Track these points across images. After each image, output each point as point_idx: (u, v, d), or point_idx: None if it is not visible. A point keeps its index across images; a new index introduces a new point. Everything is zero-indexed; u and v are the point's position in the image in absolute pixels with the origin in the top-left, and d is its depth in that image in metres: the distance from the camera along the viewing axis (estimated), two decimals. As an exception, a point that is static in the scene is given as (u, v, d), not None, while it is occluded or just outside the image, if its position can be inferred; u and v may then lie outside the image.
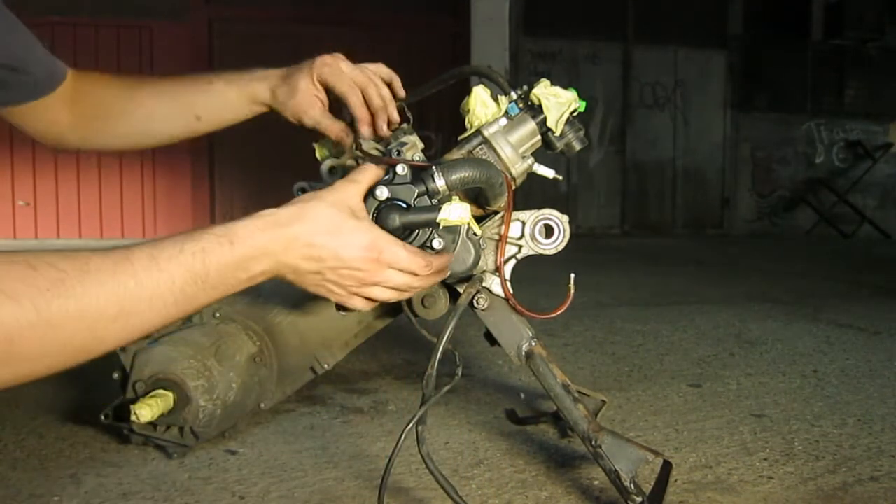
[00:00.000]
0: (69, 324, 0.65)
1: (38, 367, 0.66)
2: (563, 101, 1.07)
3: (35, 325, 0.62)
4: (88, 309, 0.66)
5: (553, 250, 1.10)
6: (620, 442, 1.03)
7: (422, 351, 1.99)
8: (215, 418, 1.25)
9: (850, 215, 8.28)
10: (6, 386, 0.64)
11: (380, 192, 0.88)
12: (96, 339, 0.68)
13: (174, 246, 0.73)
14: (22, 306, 0.61)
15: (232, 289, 0.77)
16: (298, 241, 0.80)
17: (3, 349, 0.61)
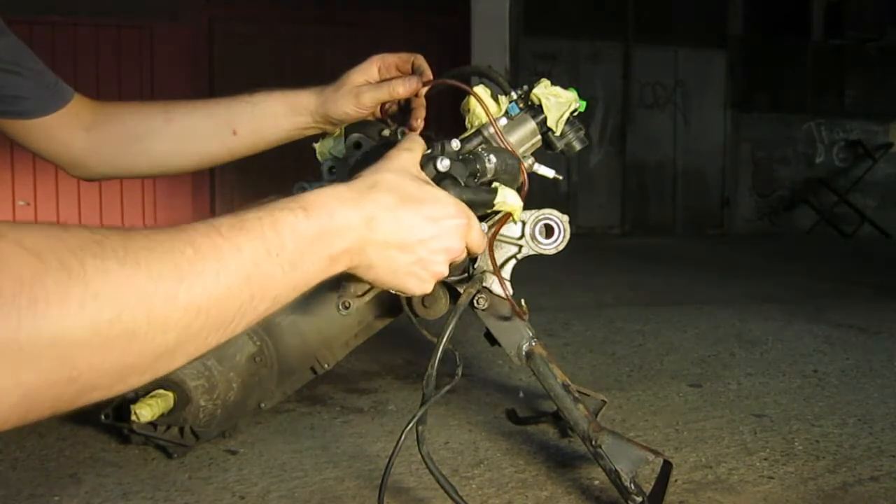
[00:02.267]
0: (112, 290, 0.51)
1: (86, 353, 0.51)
2: (564, 101, 1.07)
3: (64, 284, 0.49)
4: (136, 275, 0.52)
5: (553, 250, 1.10)
6: (621, 442, 1.03)
7: (422, 351, 1.99)
8: (215, 418, 1.25)
9: (851, 215, 8.28)
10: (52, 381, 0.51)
11: (441, 164, 0.82)
12: (154, 320, 0.53)
13: (233, 217, 0.61)
14: (45, 262, 0.49)
15: (315, 272, 0.66)
16: (383, 214, 0.70)
17: (30, 315, 0.48)
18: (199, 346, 0.58)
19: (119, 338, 0.52)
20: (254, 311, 0.61)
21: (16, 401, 0.48)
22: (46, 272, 0.49)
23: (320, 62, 6.69)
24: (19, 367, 0.47)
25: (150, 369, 0.57)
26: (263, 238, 0.61)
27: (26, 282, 0.47)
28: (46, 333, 0.48)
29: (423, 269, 0.75)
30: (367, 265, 0.71)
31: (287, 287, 0.63)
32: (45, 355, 0.48)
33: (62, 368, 0.50)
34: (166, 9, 6.84)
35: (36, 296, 0.47)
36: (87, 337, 0.50)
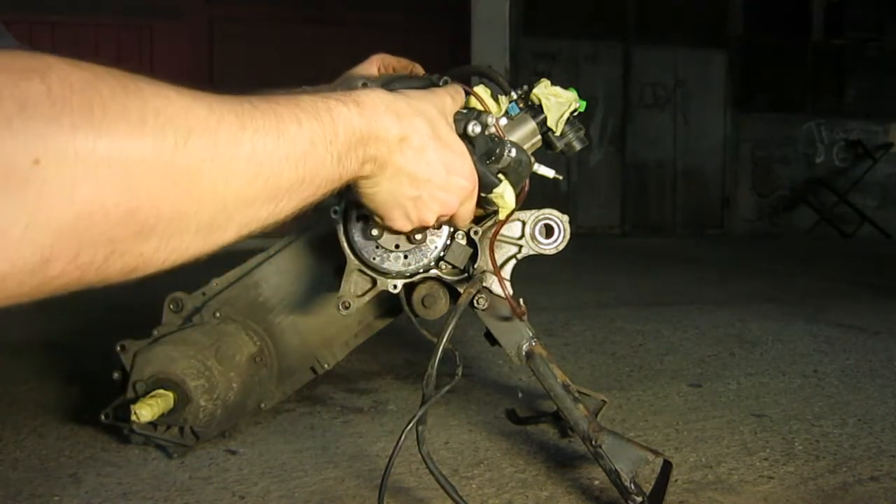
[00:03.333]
0: (173, 112, 0.47)
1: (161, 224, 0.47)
2: (564, 101, 1.07)
3: (121, 96, 0.45)
4: (196, 105, 0.50)
5: (553, 250, 1.10)
6: (621, 442, 1.03)
7: (422, 351, 1.99)
8: (215, 418, 1.25)
9: (851, 215, 8.28)
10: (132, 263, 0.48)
11: (472, 128, 0.83)
12: (217, 160, 0.50)
13: (285, 96, 0.59)
14: (98, 75, 0.45)
15: (350, 171, 0.65)
16: (415, 139, 0.70)
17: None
18: (251, 217, 0.56)
19: (182, 171, 0.48)
20: (300, 196, 0.60)
21: (71, 222, 0.42)
22: (99, 81, 0.44)
23: (320, 62, 6.68)
24: (74, 180, 0.42)
25: (204, 230, 0.52)
26: (321, 121, 0.59)
27: (77, 88, 0.43)
28: (104, 144, 0.43)
29: (414, 208, 0.76)
30: (376, 181, 0.71)
31: (330, 178, 0.62)
32: (102, 171, 0.43)
33: (121, 192, 0.44)
34: (166, 9, 6.84)
35: (91, 101, 0.43)
36: (150, 158, 0.45)
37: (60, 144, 0.41)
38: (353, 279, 1.05)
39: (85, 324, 2.47)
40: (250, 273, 1.38)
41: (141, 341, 1.28)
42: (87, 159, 0.42)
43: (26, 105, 0.40)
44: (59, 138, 0.41)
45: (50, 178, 0.41)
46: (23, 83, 0.41)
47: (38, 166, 0.40)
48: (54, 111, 0.41)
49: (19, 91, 0.40)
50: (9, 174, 0.40)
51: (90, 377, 1.68)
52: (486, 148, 0.88)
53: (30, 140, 0.40)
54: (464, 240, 1.05)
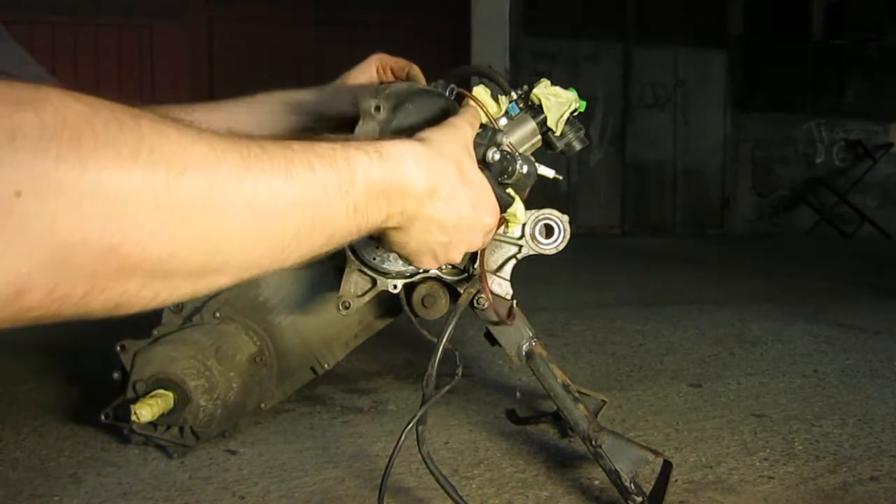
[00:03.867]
0: (170, 150, 0.46)
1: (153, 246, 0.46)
2: (564, 101, 1.07)
3: (115, 131, 0.44)
4: (197, 144, 0.48)
5: (553, 250, 1.10)
6: (621, 442, 1.03)
7: (422, 351, 1.99)
8: (215, 418, 1.25)
9: (851, 215, 8.28)
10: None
11: (492, 155, 0.81)
12: (213, 201, 0.48)
13: (303, 141, 0.57)
14: (95, 109, 0.44)
15: (370, 223, 0.62)
16: (445, 189, 0.68)
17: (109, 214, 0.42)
18: (250, 262, 0.53)
19: (171, 209, 0.46)
20: (308, 245, 0.57)
21: (47, 256, 0.41)
22: (95, 116, 0.43)
23: (320, 62, 6.69)
24: (55, 212, 0.41)
25: (195, 273, 0.50)
26: (336, 169, 0.57)
27: (70, 122, 0.42)
28: (89, 177, 0.42)
29: (443, 251, 0.75)
30: (406, 231, 0.70)
31: (346, 228, 0.60)
32: (85, 203, 0.42)
33: (103, 226, 0.43)
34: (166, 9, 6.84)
35: (81, 134, 0.42)
36: (136, 193, 0.44)
37: (44, 176, 0.40)
38: (353, 279, 1.05)
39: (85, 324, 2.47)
40: (250, 273, 1.38)
41: (141, 341, 1.28)
42: (69, 191, 0.41)
43: (15, 137, 0.40)
44: (43, 170, 0.40)
45: (30, 209, 0.40)
46: (17, 115, 0.40)
47: (20, 198, 0.40)
48: (42, 143, 0.41)
49: (12, 122, 0.40)
50: None
51: (90, 377, 1.68)
52: (501, 167, 0.88)
53: (14, 171, 0.40)
54: (464, 240, 1.05)
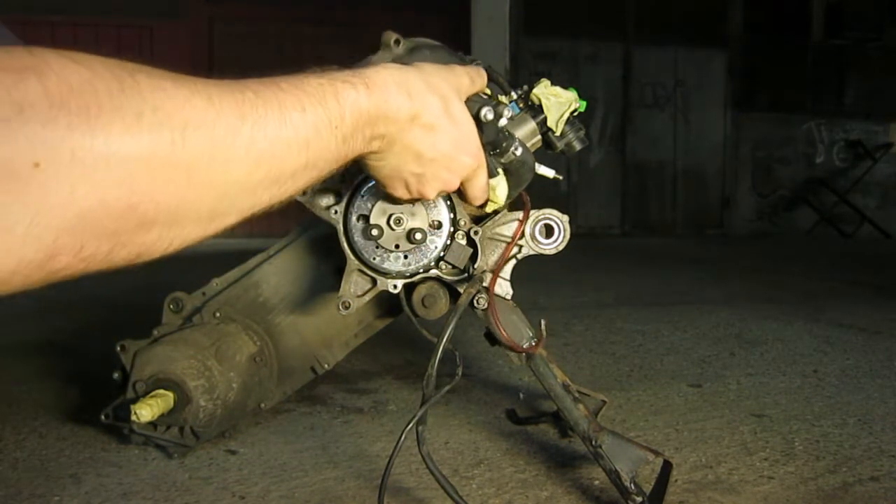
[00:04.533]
0: (171, 107, 0.49)
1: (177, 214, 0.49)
2: (564, 101, 1.07)
3: (117, 93, 0.46)
4: (194, 98, 0.51)
5: (553, 250, 1.10)
6: (621, 442, 1.03)
7: (422, 351, 1.99)
8: (215, 418, 1.25)
9: (851, 215, 8.28)
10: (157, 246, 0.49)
11: (485, 113, 0.84)
12: (216, 152, 0.51)
13: (291, 78, 0.61)
14: (95, 72, 0.45)
15: (357, 149, 0.66)
16: (426, 118, 0.72)
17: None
18: (253, 202, 0.57)
19: (180, 165, 0.48)
20: (304, 179, 0.61)
21: (71, 222, 0.43)
22: (97, 79, 0.45)
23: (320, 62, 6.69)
24: (73, 180, 0.43)
25: (205, 218, 0.53)
26: (326, 106, 0.60)
27: (75, 88, 0.43)
28: (101, 143, 0.44)
29: (417, 183, 0.77)
30: (383, 156, 0.72)
31: (335, 158, 0.63)
32: (100, 169, 0.44)
33: (120, 188, 0.45)
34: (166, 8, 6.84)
35: (87, 102, 0.43)
36: (146, 154, 0.46)
37: (58, 146, 0.42)
38: (353, 279, 1.05)
39: (85, 324, 2.47)
40: (250, 273, 1.38)
41: (141, 341, 1.28)
42: (84, 159, 0.43)
43: (24, 107, 0.41)
44: (56, 140, 0.42)
45: (50, 179, 0.42)
46: (21, 84, 0.41)
47: (38, 169, 0.41)
48: (51, 113, 0.42)
49: (17, 92, 0.41)
50: (10, 177, 0.41)
51: (90, 377, 1.68)
52: (494, 138, 0.89)
53: (29, 143, 0.41)
54: (464, 240, 1.05)
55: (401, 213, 1.01)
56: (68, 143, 0.42)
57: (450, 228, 1.03)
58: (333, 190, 1.05)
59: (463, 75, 0.80)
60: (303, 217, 1.24)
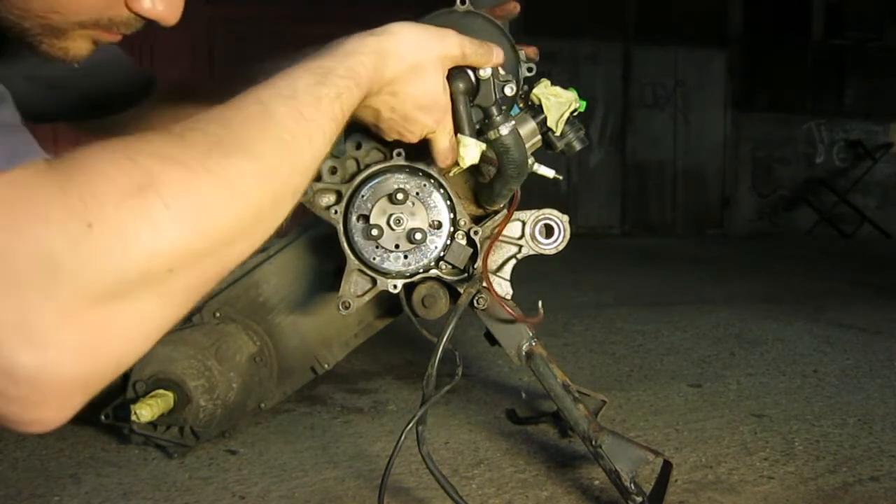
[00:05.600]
0: (250, 181, 0.55)
1: (240, 244, 0.55)
2: (564, 101, 1.07)
3: (215, 187, 0.51)
4: (263, 161, 0.57)
5: (553, 250, 1.10)
6: (621, 442, 1.03)
7: (422, 351, 1.99)
8: (215, 418, 1.25)
9: (851, 215, 8.27)
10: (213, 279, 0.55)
11: (483, 72, 0.90)
12: (278, 194, 0.58)
13: (310, 91, 0.66)
14: (193, 170, 0.50)
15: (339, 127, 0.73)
16: (391, 87, 0.81)
17: (196, 224, 0.49)
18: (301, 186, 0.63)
19: (263, 222, 0.58)
20: (319, 160, 0.66)
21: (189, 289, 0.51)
22: (189, 160, 0.50)
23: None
24: (197, 267, 0.51)
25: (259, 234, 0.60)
26: (333, 112, 0.66)
27: (183, 188, 0.49)
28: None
29: (377, 127, 0.87)
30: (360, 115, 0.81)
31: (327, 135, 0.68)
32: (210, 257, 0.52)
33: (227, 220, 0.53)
34: (166, 9, 6.84)
35: (193, 202, 0.49)
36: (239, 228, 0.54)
37: (182, 249, 0.48)
38: (353, 279, 1.04)
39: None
40: (250, 273, 1.38)
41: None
42: (199, 251, 0.51)
43: (157, 226, 0.47)
44: (179, 243, 0.48)
45: (180, 276, 0.49)
46: (145, 204, 0.47)
47: (172, 273, 0.49)
48: (175, 222, 0.48)
49: (147, 212, 0.47)
50: (151, 283, 0.47)
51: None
52: (487, 104, 0.91)
53: (167, 253, 0.48)
54: (464, 240, 1.05)
55: (401, 213, 1.01)
56: (189, 242, 0.49)
57: (450, 228, 1.03)
58: (333, 190, 1.05)
59: (454, 47, 0.85)
60: (303, 217, 1.24)
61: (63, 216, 0.43)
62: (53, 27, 0.58)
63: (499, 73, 0.92)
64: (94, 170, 0.46)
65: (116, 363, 0.46)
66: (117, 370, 0.47)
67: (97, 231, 0.43)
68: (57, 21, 0.57)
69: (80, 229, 0.43)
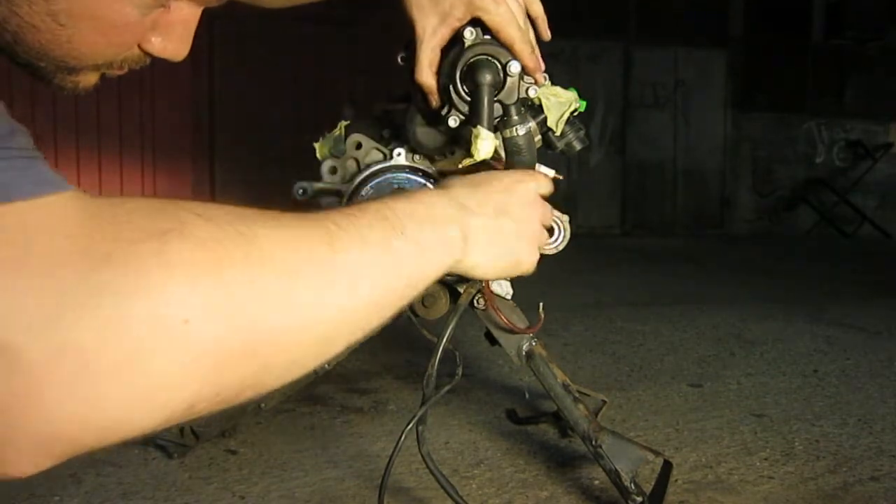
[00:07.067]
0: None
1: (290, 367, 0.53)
2: (564, 101, 1.07)
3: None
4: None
5: (553, 250, 1.10)
6: (621, 442, 1.03)
7: (422, 351, 1.99)
8: (215, 418, 1.25)
9: (851, 215, 8.27)
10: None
11: (512, 67, 0.89)
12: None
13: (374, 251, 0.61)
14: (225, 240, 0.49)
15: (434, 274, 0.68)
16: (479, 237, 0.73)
17: (214, 279, 0.47)
18: (363, 329, 0.60)
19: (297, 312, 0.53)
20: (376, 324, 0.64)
21: (212, 372, 0.47)
22: (223, 234, 0.49)
23: (320, 62, 6.69)
24: (213, 331, 0.46)
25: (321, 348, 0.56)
26: (390, 284, 0.62)
27: (209, 246, 0.47)
28: (235, 295, 0.48)
29: (520, 238, 0.77)
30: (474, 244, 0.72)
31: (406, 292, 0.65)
32: (235, 318, 0.48)
33: (251, 335, 0.49)
34: (166, 9, 6.83)
35: (220, 256, 0.47)
36: (270, 303, 0.50)
37: (202, 301, 0.45)
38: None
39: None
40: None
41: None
42: (223, 310, 0.47)
43: (173, 269, 0.45)
44: (200, 296, 0.45)
45: (195, 333, 0.45)
46: (166, 247, 0.45)
47: (187, 325, 0.44)
48: (194, 272, 0.46)
49: (166, 256, 0.45)
50: (164, 334, 0.43)
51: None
52: (511, 101, 0.91)
53: (180, 301, 0.44)
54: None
55: (401, 213, 1.00)
56: (210, 298, 0.46)
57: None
58: (333, 190, 1.05)
59: (531, 191, 0.80)
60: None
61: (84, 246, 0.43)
62: (69, 67, 0.58)
63: (524, 74, 0.92)
64: (126, 208, 0.46)
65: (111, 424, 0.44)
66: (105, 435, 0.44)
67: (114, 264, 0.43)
68: (73, 64, 0.57)
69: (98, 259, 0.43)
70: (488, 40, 0.93)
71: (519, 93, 0.92)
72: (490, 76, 0.88)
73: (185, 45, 0.61)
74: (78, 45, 0.53)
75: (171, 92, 6.50)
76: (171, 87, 6.52)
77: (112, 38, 0.55)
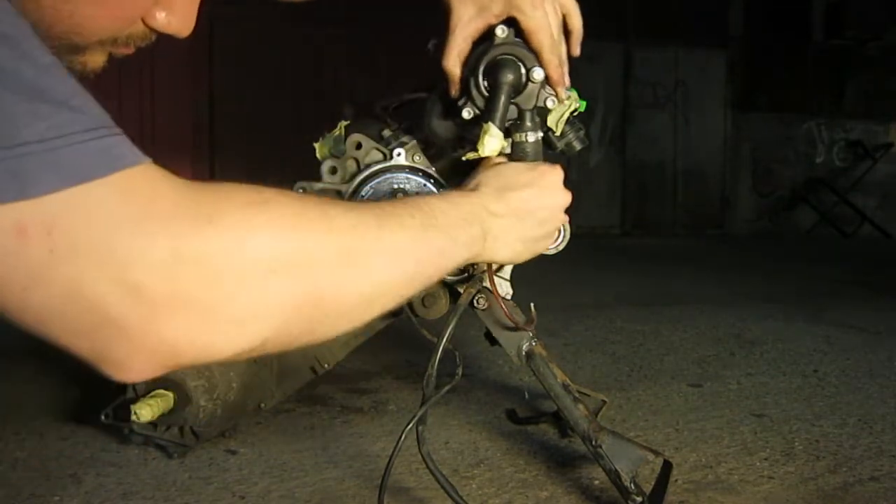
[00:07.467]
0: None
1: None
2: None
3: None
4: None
5: (554, 250, 1.10)
6: (621, 442, 1.03)
7: (422, 351, 1.98)
8: (215, 418, 1.25)
9: (851, 215, 8.27)
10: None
11: (536, 74, 0.94)
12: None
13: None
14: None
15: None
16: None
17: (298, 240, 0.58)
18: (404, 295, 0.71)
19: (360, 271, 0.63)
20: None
21: (285, 317, 0.56)
22: (305, 208, 0.60)
23: (320, 62, 6.69)
24: (291, 281, 0.56)
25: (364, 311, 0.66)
26: (439, 264, 0.74)
27: (297, 213, 0.58)
28: (311, 249, 0.58)
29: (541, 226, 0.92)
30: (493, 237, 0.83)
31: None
32: (309, 271, 0.58)
33: (323, 288, 0.59)
34: (166, 9, 6.83)
35: (302, 224, 0.58)
36: (339, 260, 0.61)
37: (288, 254, 0.56)
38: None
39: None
40: (250, 273, 1.38)
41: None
42: (299, 264, 0.57)
43: (264, 227, 0.55)
44: (286, 249, 0.56)
45: (275, 281, 0.55)
46: (265, 208, 0.56)
47: (273, 272, 0.54)
48: (284, 231, 0.56)
49: (263, 216, 0.55)
50: (247, 279, 0.53)
51: (90, 378, 1.68)
52: (527, 107, 0.92)
53: (270, 252, 0.55)
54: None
55: (401, 214, 1.00)
56: (291, 256, 0.56)
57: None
58: (333, 190, 1.05)
59: (556, 182, 0.96)
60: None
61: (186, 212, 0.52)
62: (73, 45, 0.60)
63: (546, 84, 0.93)
64: (215, 187, 0.55)
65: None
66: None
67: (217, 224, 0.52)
68: (77, 41, 0.59)
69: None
70: (518, 42, 0.93)
71: (537, 101, 0.92)
72: (511, 76, 0.88)
73: (190, 21, 0.64)
74: (80, 20, 0.56)
75: (171, 92, 6.49)
76: (171, 87, 6.52)
77: (114, 12, 0.58)
